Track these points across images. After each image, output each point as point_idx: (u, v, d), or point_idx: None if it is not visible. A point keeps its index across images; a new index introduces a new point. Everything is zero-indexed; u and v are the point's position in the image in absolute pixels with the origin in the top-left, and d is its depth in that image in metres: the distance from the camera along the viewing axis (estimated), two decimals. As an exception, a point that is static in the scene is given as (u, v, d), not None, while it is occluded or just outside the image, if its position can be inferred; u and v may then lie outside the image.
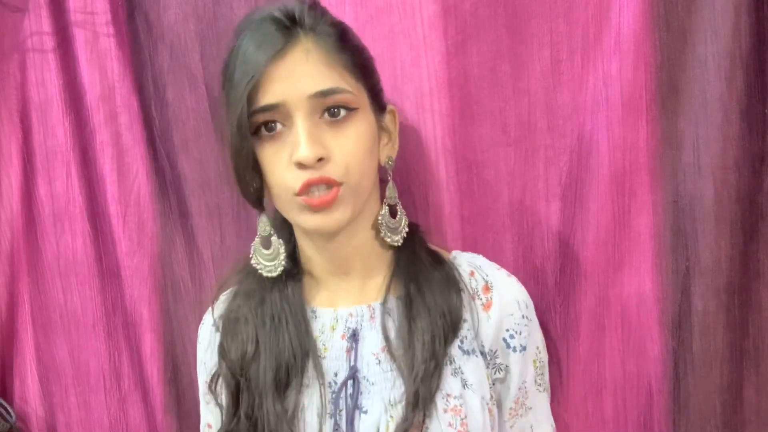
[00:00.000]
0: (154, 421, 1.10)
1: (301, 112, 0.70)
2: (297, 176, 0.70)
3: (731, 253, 0.84)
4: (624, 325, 0.90)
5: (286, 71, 0.70)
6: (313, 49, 0.71)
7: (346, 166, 0.71)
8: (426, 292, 0.77)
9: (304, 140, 0.69)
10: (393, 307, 0.78)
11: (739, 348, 0.86)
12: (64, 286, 1.11)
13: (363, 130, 0.74)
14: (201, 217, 1.05)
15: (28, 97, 1.09)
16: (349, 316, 0.79)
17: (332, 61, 0.71)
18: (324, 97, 0.70)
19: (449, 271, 0.80)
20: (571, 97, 0.89)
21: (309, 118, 0.70)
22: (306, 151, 0.69)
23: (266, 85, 0.70)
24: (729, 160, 0.83)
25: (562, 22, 0.88)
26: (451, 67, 0.91)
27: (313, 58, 0.71)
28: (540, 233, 0.92)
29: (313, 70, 0.70)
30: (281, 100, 0.70)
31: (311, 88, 0.70)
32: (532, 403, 0.82)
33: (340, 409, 0.75)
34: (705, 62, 0.83)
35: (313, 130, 0.70)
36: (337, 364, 0.78)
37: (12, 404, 1.16)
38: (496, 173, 0.92)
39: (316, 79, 0.70)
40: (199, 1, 1.01)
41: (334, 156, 0.71)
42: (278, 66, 0.70)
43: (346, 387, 0.76)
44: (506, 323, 0.79)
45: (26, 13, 1.06)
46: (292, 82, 0.70)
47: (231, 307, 0.83)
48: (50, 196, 1.10)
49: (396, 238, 0.79)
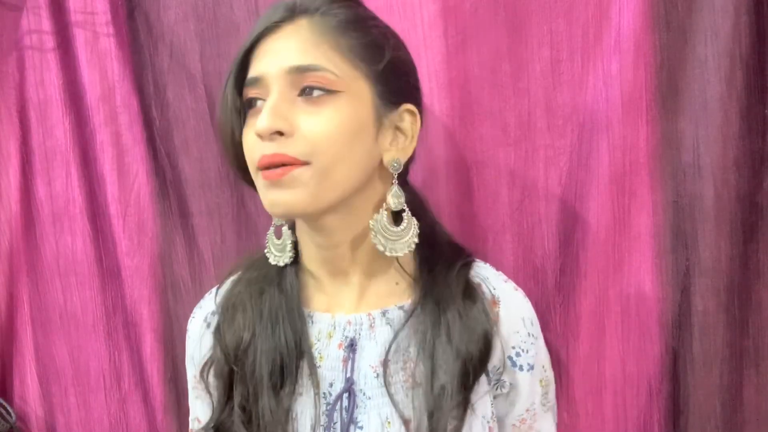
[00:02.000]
0: (154, 421, 1.10)
1: (276, 86, 0.68)
2: (257, 149, 0.68)
3: (731, 253, 0.84)
4: (624, 325, 0.90)
5: (273, 45, 0.69)
6: (305, 27, 0.69)
7: (312, 145, 0.67)
8: (450, 307, 0.73)
9: (266, 111, 0.67)
10: (395, 318, 0.75)
11: (739, 348, 0.86)
12: (63, 286, 1.11)
13: (345, 114, 0.68)
14: (201, 217, 1.05)
15: (27, 97, 1.09)
16: (347, 324, 0.76)
17: (323, 40, 0.69)
18: (301, 74, 0.68)
19: (476, 302, 0.75)
20: (571, 97, 0.89)
21: (283, 93, 0.68)
22: (262, 122, 0.66)
23: (255, 59, 0.70)
24: (729, 160, 0.83)
25: (562, 22, 0.88)
26: (451, 67, 0.91)
27: (302, 35, 0.69)
28: (540, 233, 0.92)
29: (297, 45, 0.68)
30: (262, 72, 0.69)
31: (288, 62, 0.68)
32: (541, 427, 0.81)
33: (334, 422, 0.72)
34: (705, 62, 0.83)
35: (281, 104, 0.67)
36: (332, 375, 0.74)
37: (12, 404, 1.16)
38: (496, 173, 0.92)
39: (297, 54, 0.68)
40: (199, 1, 1.01)
41: (299, 132, 0.67)
42: (267, 40, 0.70)
43: (342, 400, 0.73)
44: (512, 341, 0.76)
45: (26, 12, 1.06)
46: (274, 55, 0.69)
47: (232, 292, 0.81)
48: (49, 196, 1.10)
49: (394, 247, 0.72)
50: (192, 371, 0.84)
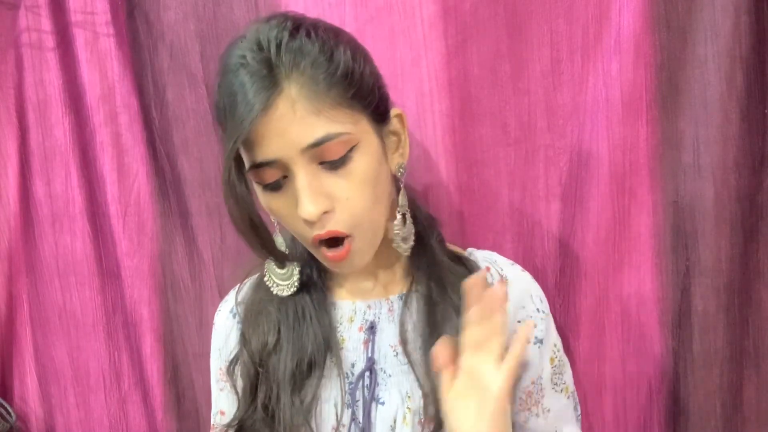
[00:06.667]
0: (154, 421, 1.10)
1: (297, 165, 0.67)
2: (307, 230, 0.70)
3: (731, 253, 0.84)
4: (624, 325, 0.90)
5: (274, 128, 0.66)
6: (297, 98, 0.66)
7: (352, 216, 0.69)
8: (448, 291, 0.77)
9: (306, 196, 0.67)
10: (413, 300, 0.79)
11: (739, 348, 0.86)
12: (63, 286, 1.11)
13: (366, 163, 0.69)
14: (201, 217, 1.05)
15: (26, 97, 1.09)
16: (367, 309, 0.80)
17: (320, 104, 0.66)
18: (317, 147, 0.67)
19: (471, 269, 0.79)
20: (571, 97, 0.89)
21: (306, 168, 0.67)
22: (308, 208, 0.67)
23: (258, 141, 0.67)
24: (729, 160, 0.83)
25: (562, 22, 0.88)
26: (451, 67, 0.91)
27: (300, 109, 0.66)
28: (540, 233, 0.92)
29: (300, 122, 0.66)
30: (276, 156, 0.67)
31: (302, 142, 0.66)
32: (551, 405, 0.81)
33: (357, 400, 0.76)
34: (705, 62, 0.83)
35: (312, 182, 0.67)
36: (354, 356, 0.78)
37: (12, 404, 1.16)
38: (496, 173, 0.92)
39: (306, 131, 0.66)
40: (199, 1, 1.00)
41: (339, 204, 0.69)
42: (266, 123, 0.66)
43: (363, 378, 0.77)
44: (519, 315, 0.79)
45: (24, 11, 1.06)
46: (282, 137, 0.66)
47: (254, 298, 0.82)
48: (49, 196, 1.10)
49: (406, 246, 0.77)
50: (217, 364, 0.85)
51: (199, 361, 1.07)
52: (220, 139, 0.96)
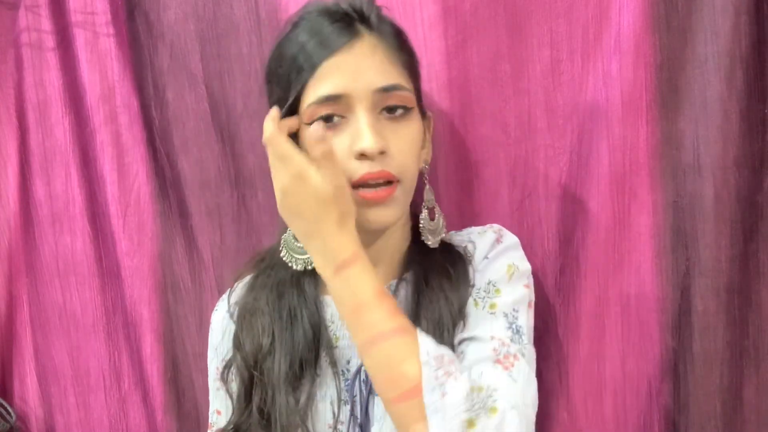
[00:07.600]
0: (154, 421, 1.10)
1: (364, 105, 0.71)
2: (357, 167, 0.71)
3: (731, 253, 0.84)
4: (624, 325, 0.90)
5: (351, 64, 0.71)
6: (379, 45, 0.72)
7: (403, 164, 0.72)
8: (433, 281, 0.77)
9: (368, 131, 0.70)
10: (401, 289, 0.79)
11: (739, 348, 0.86)
12: (63, 286, 1.11)
13: (415, 130, 0.75)
14: (201, 217, 1.05)
15: (26, 97, 1.09)
16: None
17: (394, 59, 0.73)
18: (387, 93, 0.71)
19: (453, 253, 0.80)
20: (571, 97, 0.89)
21: (371, 110, 0.71)
22: (370, 141, 0.69)
23: (329, 76, 0.71)
24: (729, 160, 0.83)
25: (562, 22, 0.88)
26: (451, 67, 0.91)
27: (380, 54, 0.72)
28: (540, 233, 0.92)
29: (378, 65, 0.72)
30: (345, 91, 0.70)
31: (377, 83, 0.71)
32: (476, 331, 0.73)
33: (354, 395, 0.76)
34: (705, 62, 0.83)
35: (375, 123, 0.71)
36: (349, 352, 0.78)
37: (12, 404, 1.16)
38: (496, 173, 0.92)
39: (382, 74, 0.72)
40: (199, 1, 1.01)
41: (392, 152, 0.72)
42: (343, 58, 0.71)
43: (360, 374, 0.76)
44: (483, 252, 0.79)
45: (24, 11, 1.06)
46: (357, 74, 0.71)
47: (247, 299, 0.83)
48: (49, 196, 1.10)
49: (434, 240, 0.79)
50: (215, 363, 0.85)
51: (199, 361, 1.07)
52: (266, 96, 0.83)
